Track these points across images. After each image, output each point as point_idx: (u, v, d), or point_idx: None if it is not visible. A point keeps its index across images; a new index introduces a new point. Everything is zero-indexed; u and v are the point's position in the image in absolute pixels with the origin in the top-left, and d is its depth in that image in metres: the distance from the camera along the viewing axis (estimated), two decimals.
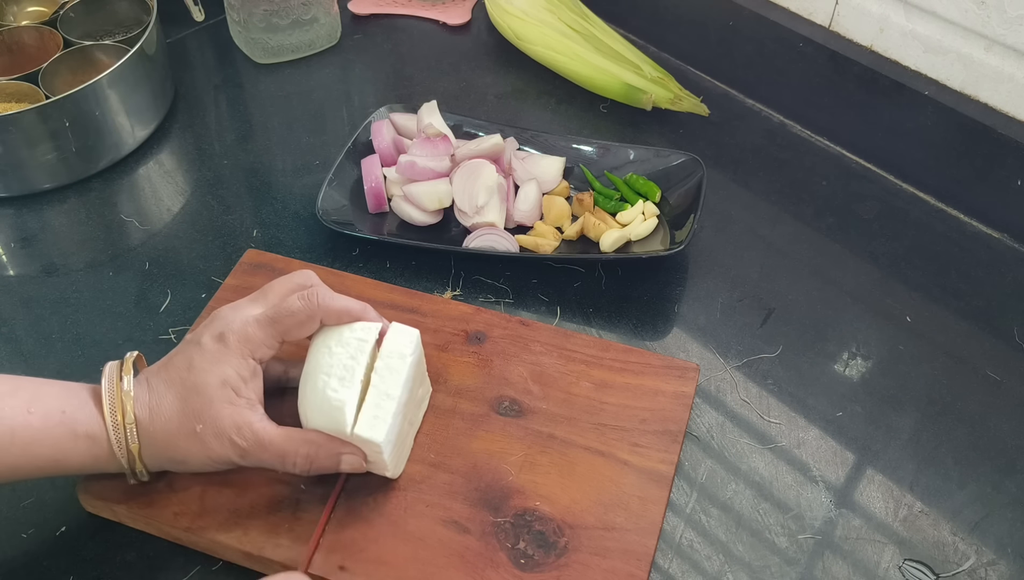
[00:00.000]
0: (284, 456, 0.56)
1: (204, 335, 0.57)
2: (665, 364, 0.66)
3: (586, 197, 0.79)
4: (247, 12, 0.95)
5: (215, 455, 0.55)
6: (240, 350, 0.56)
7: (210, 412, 0.55)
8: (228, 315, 0.58)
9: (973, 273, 0.77)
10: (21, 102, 0.84)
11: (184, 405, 0.55)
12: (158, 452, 0.56)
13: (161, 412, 0.55)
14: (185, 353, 0.57)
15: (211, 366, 0.55)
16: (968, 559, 0.59)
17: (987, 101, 0.79)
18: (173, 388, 0.56)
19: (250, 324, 0.57)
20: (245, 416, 0.55)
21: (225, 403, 0.55)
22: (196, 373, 0.55)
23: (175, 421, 0.55)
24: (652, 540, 0.57)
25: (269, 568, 0.57)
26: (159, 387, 0.56)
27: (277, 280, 0.61)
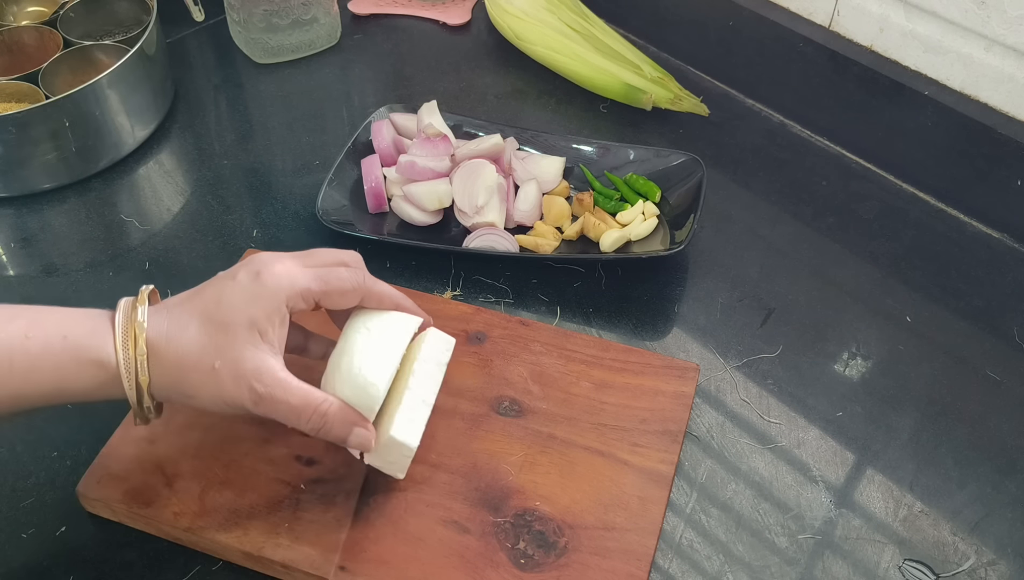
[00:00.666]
0: (301, 410, 0.54)
1: (241, 271, 0.55)
2: (665, 364, 0.66)
3: (586, 197, 0.79)
4: (247, 12, 0.95)
5: (228, 397, 0.53)
6: (276, 293, 0.54)
7: (232, 352, 0.52)
8: (269, 258, 0.56)
9: (973, 273, 0.77)
10: (21, 102, 0.84)
11: (207, 339, 0.53)
12: (168, 383, 0.53)
13: (180, 341, 0.53)
14: (216, 286, 0.55)
15: (243, 304, 0.53)
16: (968, 559, 0.59)
17: (987, 101, 0.79)
18: (196, 319, 0.53)
19: (294, 271, 0.55)
20: (268, 362, 0.53)
21: (249, 345, 0.53)
22: (224, 309, 0.53)
23: (194, 353, 0.52)
24: (652, 540, 0.57)
25: (269, 568, 0.57)
26: (181, 317, 0.53)
27: (322, 249, 0.60)
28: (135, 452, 0.61)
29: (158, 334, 0.53)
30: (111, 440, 0.62)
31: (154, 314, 0.53)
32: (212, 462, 0.60)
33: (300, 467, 0.60)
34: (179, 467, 0.60)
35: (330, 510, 0.58)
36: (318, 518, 0.58)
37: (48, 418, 0.66)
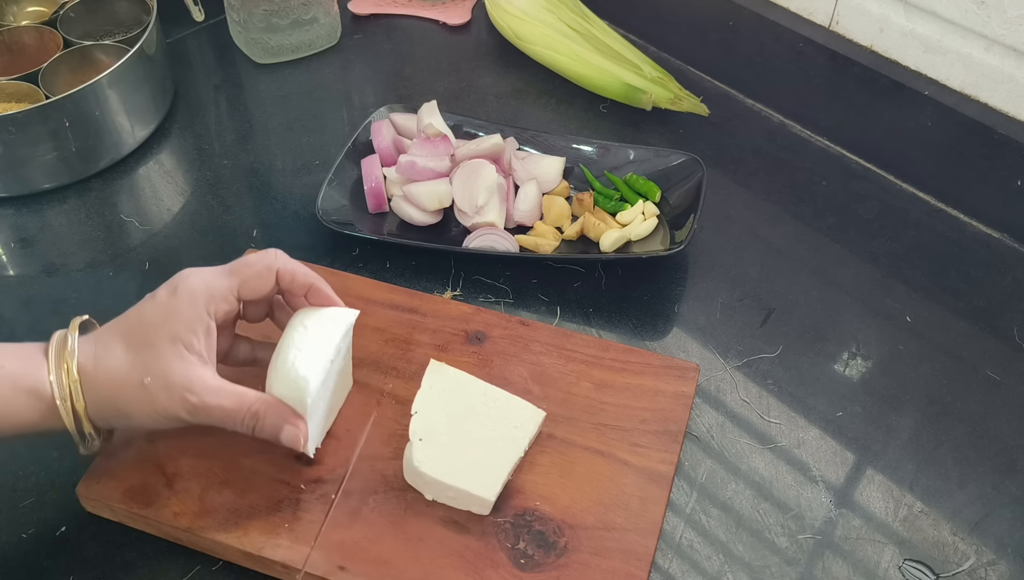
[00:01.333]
0: (234, 413, 0.55)
1: (160, 291, 0.57)
2: (665, 364, 0.66)
3: (586, 197, 0.79)
4: (247, 12, 0.95)
5: (162, 409, 0.54)
6: (193, 303, 0.55)
7: (159, 365, 0.54)
8: (187, 271, 0.58)
9: (973, 273, 0.77)
10: (21, 102, 0.84)
11: (133, 357, 0.54)
12: (104, 405, 0.55)
13: (108, 363, 0.54)
14: (139, 306, 0.57)
15: (163, 320, 0.55)
16: (968, 559, 0.59)
17: (987, 101, 0.79)
18: (122, 340, 0.55)
19: (207, 277, 0.57)
20: (196, 371, 0.55)
21: (175, 358, 0.54)
22: (147, 326, 0.55)
23: (123, 371, 0.54)
24: (652, 540, 0.57)
25: (269, 568, 0.57)
26: (108, 340, 0.55)
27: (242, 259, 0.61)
28: (135, 452, 0.61)
29: (87, 358, 0.54)
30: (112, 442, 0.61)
31: (84, 341, 0.55)
32: (212, 462, 0.60)
33: (300, 467, 0.60)
34: (179, 467, 0.60)
35: (330, 510, 0.58)
36: (318, 518, 0.58)
37: None
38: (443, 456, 0.58)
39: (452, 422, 0.60)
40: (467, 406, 0.61)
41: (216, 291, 0.56)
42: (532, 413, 0.61)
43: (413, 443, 0.58)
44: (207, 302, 0.56)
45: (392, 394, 0.65)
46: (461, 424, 0.60)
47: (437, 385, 0.62)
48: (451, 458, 0.58)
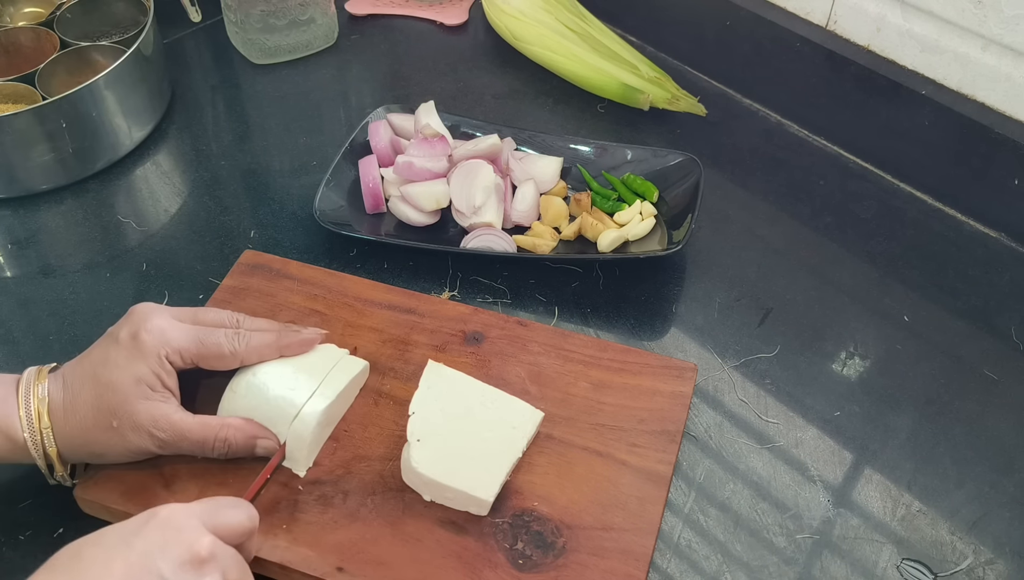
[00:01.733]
0: (204, 442, 0.58)
1: (122, 330, 0.58)
2: (663, 364, 0.66)
3: (584, 197, 0.79)
4: (244, 13, 0.95)
5: (133, 447, 0.57)
6: (153, 350, 0.57)
7: (126, 408, 0.56)
8: (148, 315, 0.59)
9: (970, 272, 0.77)
10: (18, 103, 0.83)
11: (99, 401, 0.56)
12: (77, 447, 0.57)
13: (76, 410, 0.56)
14: (102, 348, 0.58)
15: (126, 363, 0.57)
16: (966, 558, 0.59)
17: (984, 100, 0.79)
18: (87, 384, 0.57)
19: (170, 329, 0.59)
20: (161, 409, 0.57)
21: (140, 399, 0.56)
22: (111, 369, 0.57)
23: (90, 417, 0.56)
24: (650, 540, 0.57)
25: (267, 569, 0.57)
26: (74, 384, 0.57)
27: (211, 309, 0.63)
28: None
29: (57, 405, 0.57)
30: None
31: (53, 383, 0.57)
32: (210, 463, 0.60)
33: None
34: (177, 468, 0.60)
35: (328, 511, 0.58)
36: (316, 519, 0.58)
37: None
38: (441, 457, 0.58)
39: (450, 423, 0.60)
40: (465, 407, 0.61)
41: (174, 347, 0.58)
42: (530, 414, 0.61)
43: (411, 444, 0.58)
44: (167, 352, 0.58)
45: (390, 395, 0.65)
46: (459, 425, 0.60)
47: (435, 386, 0.62)
48: (449, 459, 0.58)
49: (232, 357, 0.60)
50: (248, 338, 0.61)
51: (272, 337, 0.61)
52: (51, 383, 0.57)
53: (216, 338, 0.60)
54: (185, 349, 0.59)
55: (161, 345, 0.58)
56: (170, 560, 0.45)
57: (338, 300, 0.70)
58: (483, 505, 0.57)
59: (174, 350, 0.58)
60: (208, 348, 0.59)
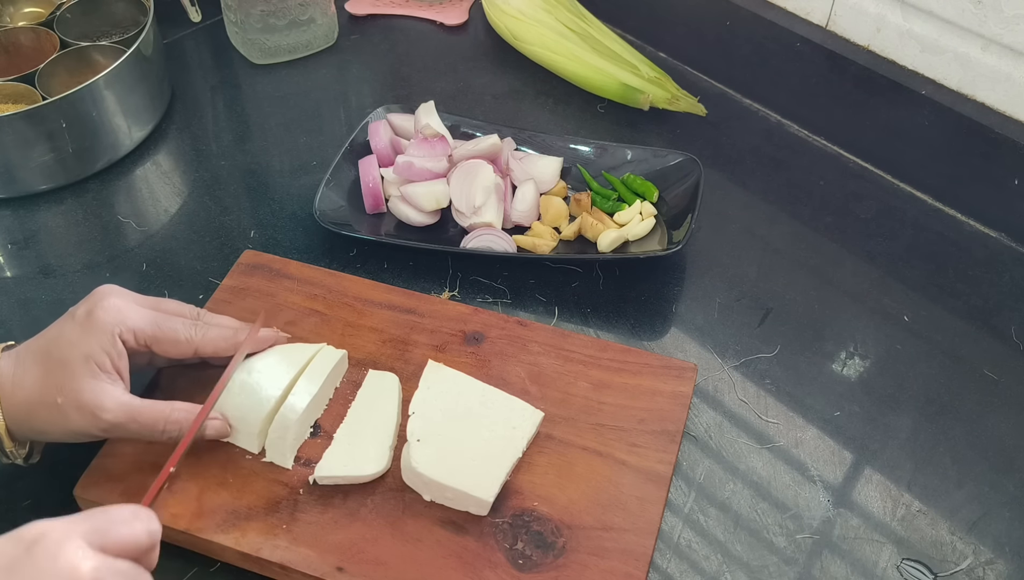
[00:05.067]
0: (153, 424, 0.57)
1: (79, 308, 0.58)
2: (663, 364, 0.66)
3: (584, 197, 0.79)
4: (244, 13, 0.95)
5: (75, 427, 0.56)
6: (106, 327, 0.57)
7: (72, 385, 0.55)
8: (106, 295, 0.58)
9: (970, 272, 0.77)
10: (18, 103, 0.83)
11: (47, 377, 0.56)
12: (20, 422, 0.56)
13: (24, 383, 0.56)
14: (58, 325, 0.58)
15: (78, 340, 0.56)
16: (966, 558, 0.59)
17: (984, 100, 0.79)
18: (39, 358, 0.56)
19: (126, 308, 0.58)
20: (108, 390, 0.56)
21: (88, 377, 0.55)
22: (63, 345, 0.56)
23: (36, 392, 0.55)
24: (650, 540, 0.57)
25: (266, 569, 0.57)
26: (26, 358, 0.57)
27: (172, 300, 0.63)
28: (133, 452, 0.61)
29: (7, 379, 0.56)
30: (109, 440, 0.61)
31: (6, 359, 0.57)
32: (210, 463, 0.60)
33: (298, 468, 0.60)
34: (177, 468, 0.60)
35: (328, 511, 0.58)
36: (316, 519, 0.58)
37: None
38: (441, 457, 0.58)
39: (450, 423, 0.60)
40: (465, 407, 0.61)
41: (129, 326, 0.58)
42: (530, 413, 0.61)
43: (411, 444, 0.58)
44: (120, 331, 0.57)
45: None
46: (459, 425, 0.60)
47: (435, 386, 0.62)
48: (449, 459, 0.58)
49: (187, 343, 0.60)
50: (205, 330, 0.61)
51: (229, 332, 0.62)
52: (4, 359, 0.57)
53: (173, 324, 0.60)
54: (140, 330, 0.58)
55: (116, 323, 0.57)
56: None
57: (338, 300, 0.70)
58: (483, 505, 0.57)
59: (128, 329, 0.58)
60: (164, 332, 0.59)
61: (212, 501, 0.58)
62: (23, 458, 0.58)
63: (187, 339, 0.60)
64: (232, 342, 0.62)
